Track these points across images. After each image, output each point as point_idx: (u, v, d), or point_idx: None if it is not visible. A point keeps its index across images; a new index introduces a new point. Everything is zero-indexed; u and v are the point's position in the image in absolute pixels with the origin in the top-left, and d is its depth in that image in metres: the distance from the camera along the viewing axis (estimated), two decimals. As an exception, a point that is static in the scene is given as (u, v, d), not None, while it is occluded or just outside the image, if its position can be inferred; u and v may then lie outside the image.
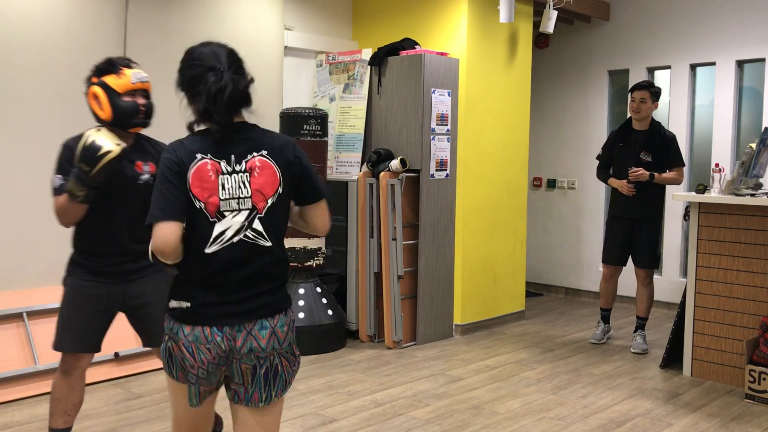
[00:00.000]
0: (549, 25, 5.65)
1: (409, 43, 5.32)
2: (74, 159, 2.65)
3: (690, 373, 4.46)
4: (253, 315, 1.99)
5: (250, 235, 1.98)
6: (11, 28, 4.03)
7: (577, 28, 6.86)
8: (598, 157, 5.28)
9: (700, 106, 6.32)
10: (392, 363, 4.69)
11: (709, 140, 6.14)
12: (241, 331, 1.98)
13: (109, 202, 2.76)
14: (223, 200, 1.96)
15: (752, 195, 4.18)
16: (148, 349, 4.34)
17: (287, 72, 5.51)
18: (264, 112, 4.83)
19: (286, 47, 5.45)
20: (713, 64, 6.09)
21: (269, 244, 2.01)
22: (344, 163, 5.46)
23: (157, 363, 4.38)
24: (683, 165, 5.00)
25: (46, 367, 3.95)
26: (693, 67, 6.26)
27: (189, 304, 1.98)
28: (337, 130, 5.54)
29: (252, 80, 2.07)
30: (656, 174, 4.86)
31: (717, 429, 3.63)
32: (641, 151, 4.91)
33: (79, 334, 2.83)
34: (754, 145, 4.23)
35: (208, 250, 1.96)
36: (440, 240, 5.24)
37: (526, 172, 5.98)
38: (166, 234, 1.91)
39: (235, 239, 1.97)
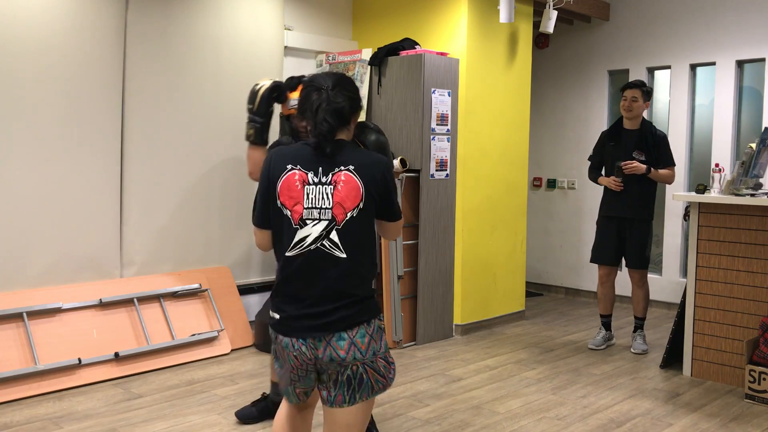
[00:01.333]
0: (549, 25, 5.65)
1: (409, 43, 5.32)
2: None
3: (690, 373, 4.46)
4: (331, 328, 2.12)
5: (327, 245, 2.12)
6: (11, 28, 4.02)
7: (577, 28, 6.86)
8: (589, 158, 5.28)
9: (700, 106, 6.32)
10: (392, 363, 4.69)
11: (709, 140, 6.14)
12: (322, 341, 2.12)
13: None
14: (306, 209, 2.13)
15: (752, 195, 4.18)
16: (150, 348, 4.35)
17: (287, 72, 5.50)
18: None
19: (286, 47, 5.45)
20: (713, 64, 6.09)
21: (344, 255, 2.12)
22: (344, 163, 5.45)
23: (157, 363, 4.39)
24: (674, 164, 5.01)
25: (46, 367, 3.95)
26: (693, 67, 6.26)
27: (278, 316, 2.19)
28: (337, 130, 5.53)
29: (354, 103, 2.23)
30: (652, 169, 4.87)
31: (717, 429, 3.63)
32: (634, 150, 4.91)
33: None
34: (754, 145, 4.23)
35: (288, 254, 2.15)
36: (440, 240, 5.24)
37: (526, 172, 5.98)
38: (261, 239, 2.28)
39: (313, 246, 2.12)
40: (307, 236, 2.12)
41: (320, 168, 2.14)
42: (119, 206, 4.58)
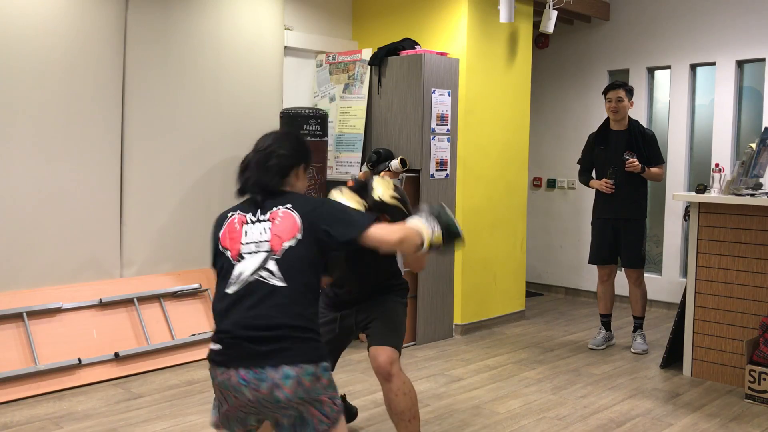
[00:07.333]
0: (549, 25, 5.65)
1: (409, 43, 5.32)
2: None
3: (690, 373, 4.46)
4: (267, 360, 2.07)
5: (264, 275, 2.11)
6: (11, 28, 4.02)
7: (577, 28, 6.86)
8: (579, 162, 5.29)
9: (700, 106, 6.32)
10: (392, 363, 4.69)
11: (709, 140, 6.14)
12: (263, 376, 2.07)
13: None
14: (244, 244, 2.16)
15: (752, 195, 4.18)
16: (150, 348, 4.32)
17: (287, 72, 5.51)
18: (264, 112, 4.86)
19: (286, 47, 5.45)
20: (713, 64, 6.09)
21: (283, 284, 2.10)
22: (344, 163, 5.46)
23: (157, 363, 4.39)
24: (664, 162, 5.03)
25: (46, 367, 3.95)
26: (693, 67, 6.26)
27: (219, 345, 2.14)
28: (337, 130, 5.54)
29: (297, 157, 2.34)
30: (646, 167, 4.89)
31: (717, 429, 3.63)
32: (624, 150, 4.92)
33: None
34: (754, 145, 4.23)
35: (228, 290, 2.14)
36: (440, 240, 5.23)
37: (526, 172, 5.98)
38: None
39: (251, 279, 2.11)
40: (245, 270, 2.12)
41: (259, 210, 2.22)
42: (119, 206, 4.58)
